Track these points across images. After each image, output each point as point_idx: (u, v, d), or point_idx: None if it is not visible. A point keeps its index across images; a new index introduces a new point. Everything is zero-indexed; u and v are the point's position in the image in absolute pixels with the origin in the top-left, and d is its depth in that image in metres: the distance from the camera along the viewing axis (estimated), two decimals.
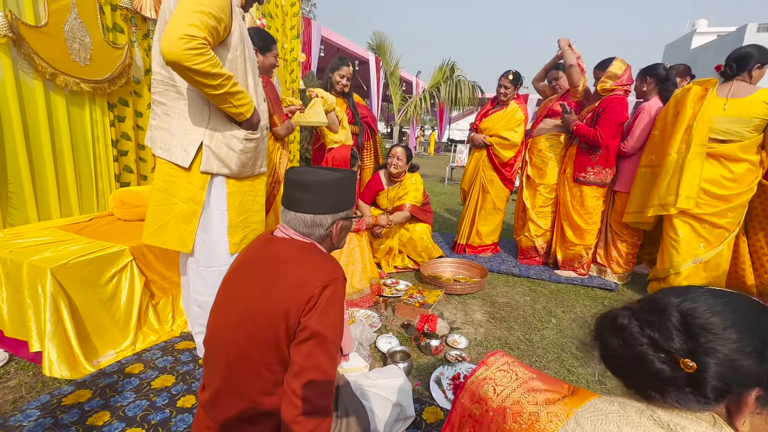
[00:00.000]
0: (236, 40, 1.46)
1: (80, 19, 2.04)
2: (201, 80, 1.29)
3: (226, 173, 1.55)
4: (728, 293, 0.57)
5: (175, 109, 1.50)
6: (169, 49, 1.21)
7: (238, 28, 1.46)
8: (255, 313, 0.88)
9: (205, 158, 1.50)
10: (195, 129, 1.49)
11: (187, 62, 1.22)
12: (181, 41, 1.20)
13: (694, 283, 2.57)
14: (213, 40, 1.33)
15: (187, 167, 1.51)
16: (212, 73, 1.29)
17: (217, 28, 1.33)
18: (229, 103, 1.41)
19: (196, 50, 1.22)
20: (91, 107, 2.20)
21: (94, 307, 1.72)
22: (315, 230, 1.00)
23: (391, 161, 2.98)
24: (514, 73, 3.10)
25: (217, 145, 1.51)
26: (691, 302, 0.55)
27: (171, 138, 1.52)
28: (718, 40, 28.48)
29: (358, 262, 2.53)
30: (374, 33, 8.89)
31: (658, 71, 2.74)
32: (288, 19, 3.78)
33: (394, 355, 1.80)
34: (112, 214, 2.29)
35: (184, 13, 1.24)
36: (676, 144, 2.33)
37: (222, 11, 1.33)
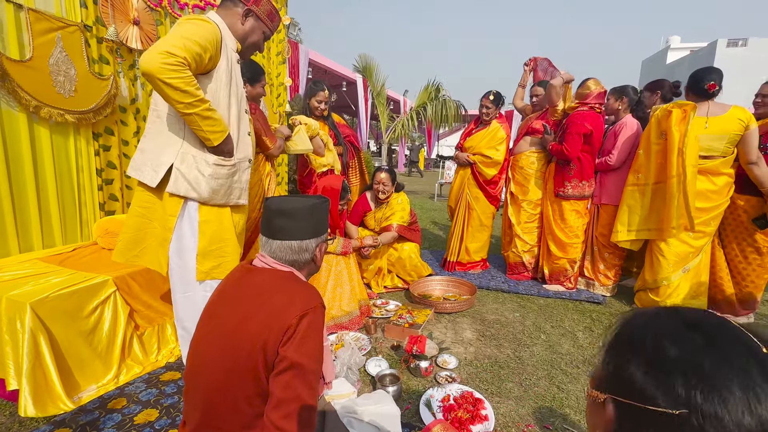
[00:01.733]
0: (221, 75, 1.53)
1: (65, 52, 2.07)
2: (172, 94, 1.34)
3: (194, 197, 1.57)
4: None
5: (152, 131, 1.57)
6: (146, 60, 1.29)
7: (226, 64, 1.54)
8: (233, 345, 0.87)
9: (173, 179, 1.53)
10: (167, 150, 1.54)
11: (161, 74, 1.29)
12: (160, 55, 1.28)
13: (683, 291, 2.62)
14: (194, 65, 1.40)
15: (155, 187, 1.55)
16: (184, 89, 1.34)
17: (201, 55, 1.40)
18: (197, 126, 1.46)
19: (172, 66, 1.30)
20: (76, 137, 2.21)
21: (76, 340, 1.69)
22: (301, 255, 1.02)
23: (377, 188, 3.00)
24: (495, 93, 3.20)
25: (188, 167, 1.54)
26: None
27: (143, 158, 1.58)
28: (691, 55, 29.76)
29: (346, 285, 2.52)
30: (360, 55, 9.11)
31: (630, 93, 2.87)
32: (274, 46, 3.87)
33: (384, 379, 1.78)
34: (96, 244, 2.27)
35: (170, 37, 1.35)
36: (674, 167, 2.41)
37: (209, 42, 1.42)
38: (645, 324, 0.48)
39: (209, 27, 1.44)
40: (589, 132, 2.82)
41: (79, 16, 2.14)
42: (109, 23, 2.26)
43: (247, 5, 1.57)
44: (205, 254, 1.63)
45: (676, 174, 2.41)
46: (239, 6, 1.57)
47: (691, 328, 0.45)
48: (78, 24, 2.13)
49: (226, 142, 1.56)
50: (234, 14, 1.57)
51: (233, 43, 1.59)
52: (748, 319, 2.67)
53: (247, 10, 1.57)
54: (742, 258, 2.62)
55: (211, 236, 1.63)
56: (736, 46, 25.58)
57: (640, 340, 0.46)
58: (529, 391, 1.82)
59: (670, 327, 0.45)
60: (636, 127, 2.83)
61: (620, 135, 2.85)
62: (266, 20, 1.64)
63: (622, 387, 0.44)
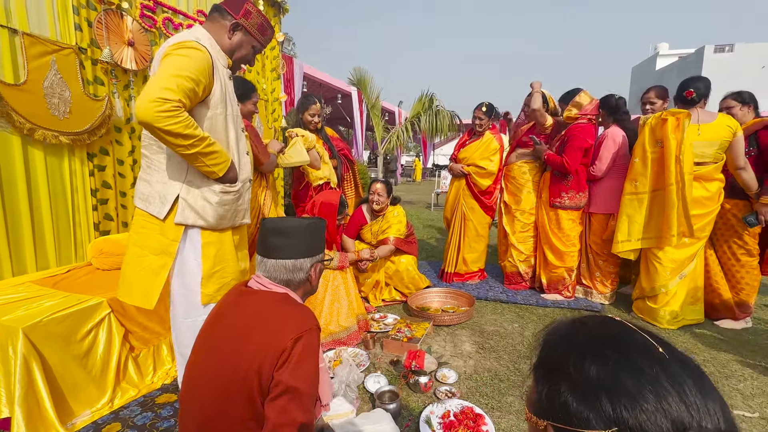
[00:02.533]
0: (217, 100, 1.50)
1: (60, 74, 2.08)
2: (172, 140, 1.32)
3: (202, 225, 1.55)
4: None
5: (155, 162, 1.52)
6: (141, 110, 1.26)
7: (220, 89, 1.50)
8: (228, 368, 0.87)
9: (180, 210, 1.51)
10: (172, 182, 1.51)
11: (158, 123, 1.26)
12: (154, 104, 1.24)
13: (681, 298, 2.62)
14: (190, 102, 1.37)
15: (162, 219, 1.51)
16: (184, 134, 1.32)
17: (195, 89, 1.37)
18: (201, 162, 1.43)
19: (168, 112, 1.26)
20: (70, 158, 2.21)
21: (69, 365, 1.66)
22: (296, 275, 1.02)
23: (372, 198, 3.03)
24: (487, 105, 3.24)
25: (194, 198, 1.52)
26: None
27: (150, 189, 1.54)
28: (680, 61, 30.31)
29: (343, 300, 2.51)
30: (354, 68, 9.23)
31: (611, 102, 2.92)
32: (268, 62, 3.91)
33: (383, 396, 1.76)
34: (91, 264, 2.26)
35: (161, 77, 1.30)
36: (672, 174, 2.43)
37: (201, 74, 1.38)
38: (563, 345, 0.51)
39: (199, 56, 1.39)
40: (590, 146, 2.86)
41: (74, 39, 2.16)
42: (104, 45, 2.28)
43: (236, 18, 1.51)
44: (209, 277, 1.60)
45: (675, 181, 2.44)
46: (227, 19, 1.51)
47: (602, 343, 0.48)
48: (73, 47, 2.15)
49: (230, 170, 1.55)
50: (221, 27, 1.52)
51: (224, 60, 1.56)
52: (746, 323, 2.68)
53: (234, 24, 1.52)
54: (734, 261, 2.64)
55: (214, 258, 1.60)
56: (723, 52, 26.10)
57: (564, 364, 0.48)
58: None
59: (585, 345, 0.49)
60: (618, 137, 2.87)
61: (603, 146, 2.89)
62: (256, 34, 1.59)
63: (559, 414, 0.46)
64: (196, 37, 1.44)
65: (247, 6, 1.51)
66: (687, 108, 2.50)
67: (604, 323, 0.53)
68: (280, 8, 3.98)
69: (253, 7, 1.53)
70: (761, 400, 1.86)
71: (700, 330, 2.63)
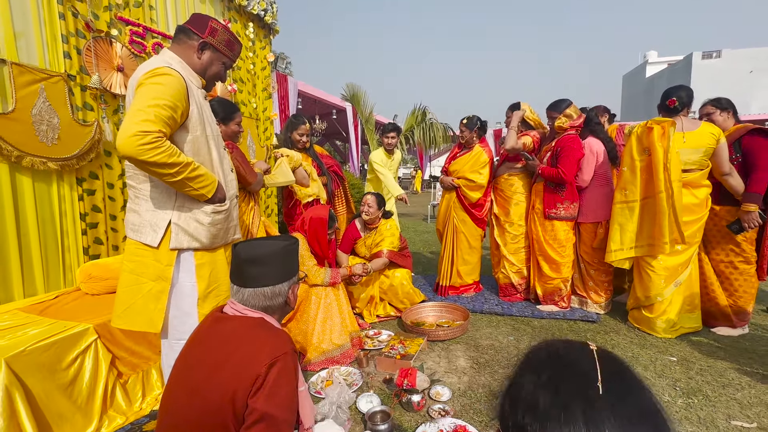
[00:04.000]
0: (195, 122, 1.50)
1: (48, 102, 2.11)
2: (158, 170, 1.33)
3: (196, 247, 1.55)
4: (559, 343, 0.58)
5: (142, 191, 1.52)
6: (123, 145, 1.26)
7: (197, 110, 1.51)
8: (202, 398, 0.85)
9: (174, 236, 1.51)
10: (162, 210, 1.51)
11: (142, 156, 1.27)
12: (135, 138, 1.25)
13: (677, 306, 2.60)
14: (170, 129, 1.38)
15: (156, 246, 1.50)
16: (168, 162, 1.33)
17: (173, 116, 1.38)
18: (189, 187, 1.44)
19: (150, 144, 1.27)
20: (59, 183, 2.22)
21: (54, 394, 1.63)
22: (275, 300, 1.01)
23: (363, 209, 3.05)
24: (467, 118, 3.29)
25: (186, 221, 1.52)
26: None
27: (140, 219, 1.53)
28: (669, 68, 30.82)
29: (336, 317, 2.49)
30: (347, 84, 9.36)
31: (588, 113, 2.98)
32: (259, 82, 3.97)
33: (374, 417, 1.73)
34: (79, 290, 2.24)
35: (139, 109, 1.31)
36: (661, 182, 2.45)
37: (177, 99, 1.38)
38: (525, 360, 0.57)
39: (173, 81, 1.39)
40: (582, 156, 2.90)
41: (62, 67, 2.20)
42: (93, 72, 2.31)
43: (203, 37, 1.50)
44: (205, 297, 1.59)
45: (665, 189, 2.45)
46: (194, 39, 1.51)
47: (547, 363, 0.52)
48: (62, 74, 2.18)
49: (218, 190, 1.55)
50: (189, 48, 1.53)
51: (197, 81, 1.57)
52: (744, 330, 2.65)
53: (202, 43, 1.52)
54: (732, 269, 2.63)
55: (208, 279, 1.60)
56: (711, 58, 26.58)
57: (515, 374, 0.54)
58: None
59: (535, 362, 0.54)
60: (595, 146, 2.92)
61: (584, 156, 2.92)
62: (225, 50, 1.60)
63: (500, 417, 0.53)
64: (166, 62, 1.44)
65: (212, 24, 1.52)
66: (671, 116, 2.54)
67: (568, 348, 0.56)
68: (270, 30, 4.07)
69: (218, 24, 1.54)
70: (759, 409, 1.83)
71: (696, 338, 2.61)
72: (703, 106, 2.71)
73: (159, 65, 1.42)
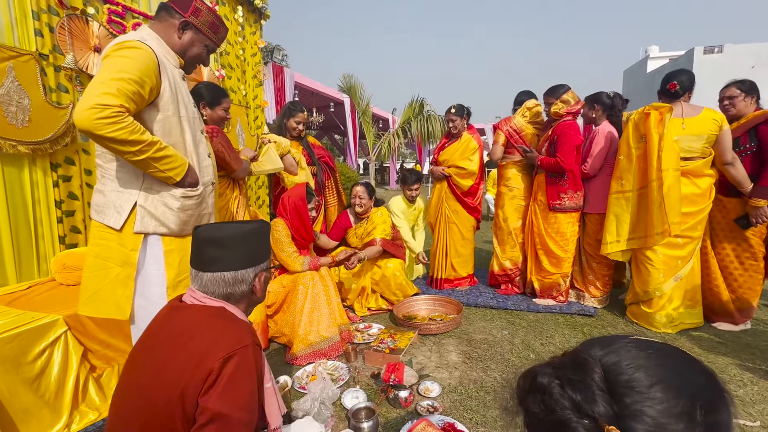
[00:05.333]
0: (167, 101, 1.43)
1: (18, 81, 1.99)
2: (117, 147, 1.25)
3: (164, 232, 1.47)
4: (653, 344, 0.52)
5: (109, 170, 1.44)
6: (80, 118, 1.19)
7: (169, 89, 1.43)
8: (149, 395, 0.76)
9: (139, 218, 1.42)
10: (128, 190, 1.43)
11: (99, 131, 1.19)
12: (93, 111, 1.17)
13: (676, 302, 2.51)
14: (135, 106, 1.30)
15: (119, 229, 1.42)
16: (129, 140, 1.25)
17: (140, 92, 1.30)
18: (153, 168, 1.36)
19: (108, 119, 1.19)
20: (31, 168, 2.11)
21: (17, 389, 1.54)
22: (237, 288, 0.91)
23: (354, 201, 2.97)
24: (456, 106, 3.20)
25: (153, 204, 1.44)
26: (614, 355, 0.51)
27: (105, 200, 1.46)
28: (670, 63, 30.55)
29: (324, 308, 2.40)
30: (344, 75, 9.22)
31: (604, 99, 2.84)
32: (249, 68, 3.84)
33: (358, 414, 1.64)
34: (54, 280, 2.14)
35: (101, 81, 1.23)
36: (654, 171, 2.34)
37: (145, 74, 1.30)
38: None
39: (142, 55, 1.31)
40: (581, 143, 2.79)
41: (33, 45, 2.07)
42: (67, 51, 2.20)
43: (185, 16, 1.45)
44: (174, 286, 1.51)
45: (656, 178, 2.35)
46: (175, 17, 1.44)
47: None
48: (32, 53, 2.06)
49: (189, 174, 1.47)
50: (170, 26, 1.46)
51: (174, 59, 1.48)
52: (745, 326, 2.57)
53: (183, 23, 1.45)
54: (738, 264, 2.52)
55: (178, 266, 1.51)
56: (713, 53, 26.32)
57: None
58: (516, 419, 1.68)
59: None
60: (608, 133, 2.80)
61: (594, 143, 2.81)
62: (208, 32, 1.53)
63: None
64: (141, 37, 1.37)
65: (195, 3, 1.45)
66: (671, 102, 2.43)
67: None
68: (260, 14, 3.94)
69: (202, 4, 1.46)
70: (762, 406, 1.75)
71: (697, 333, 2.52)
72: (726, 88, 2.51)
73: (130, 39, 1.34)
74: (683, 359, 0.50)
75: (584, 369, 0.50)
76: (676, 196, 2.33)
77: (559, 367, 0.53)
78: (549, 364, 0.55)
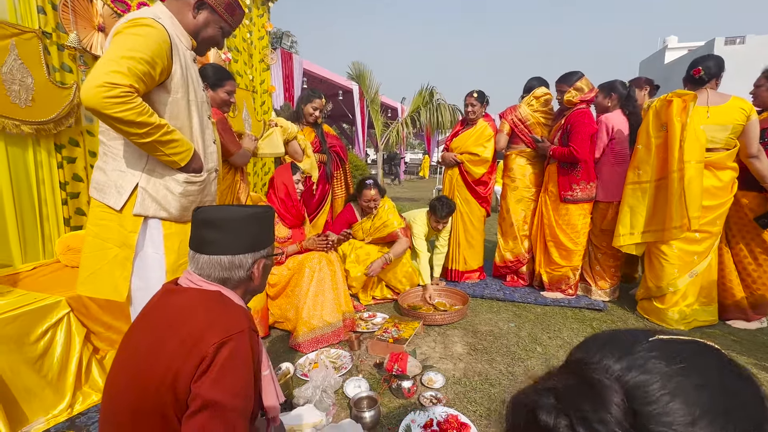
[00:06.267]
0: (177, 83, 1.38)
1: (21, 60, 1.96)
2: (124, 128, 1.21)
3: (164, 217, 1.44)
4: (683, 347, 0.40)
5: (112, 148, 1.41)
6: (87, 96, 1.15)
7: (180, 71, 1.38)
8: (140, 380, 0.73)
9: (140, 200, 1.39)
10: (130, 170, 1.39)
11: (106, 110, 1.15)
12: (102, 89, 1.13)
13: (690, 299, 2.43)
14: (145, 86, 1.26)
15: (119, 209, 1.39)
16: (137, 121, 1.21)
17: (150, 73, 1.25)
18: (159, 152, 1.32)
19: (117, 98, 1.15)
20: (35, 148, 2.09)
21: (20, 368, 1.54)
22: (234, 273, 0.87)
23: (369, 204, 2.85)
24: (478, 91, 3.09)
25: (155, 187, 1.40)
26: (638, 371, 0.38)
27: (106, 178, 1.42)
28: (689, 54, 29.62)
29: (328, 293, 2.36)
30: (353, 63, 9.08)
31: (620, 88, 2.74)
32: (256, 52, 3.78)
33: (360, 403, 1.61)
34: (59, 261, 2.14)
35: (111, 59, 1.19)
36: (675, 161, 2.25)
37: (157, 55, 1.26)
38: None
39: (154, 34, 1.26)
40: (595, 131, 2.70)
41: (36, 23, 2.04)
42: (71, 30, 2.16)
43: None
44: (174, 271, 1.48)
45: (678, 169, 2.25)
46: None
47: None
48: (35, 31, 2.02)
49: (194, 159, 1.43)
50: (185, 5, 1.40)
51: (186, 40, 1.43)
52: (761, 323, 2.48)
53: (199, 2, 1.40)
54: (752, 260, 2.44)
55: (177, 251, 1.49)
56: (734, 44, 25.44)
57: None
58: None
59: None
60: (612, 122, 2.70)
61: (600, 130, 2.72)
62: (224, 13, 1.47)
63: None
64: (154, 14, 1.32)
65: None
66: (695, 89, 2.31)
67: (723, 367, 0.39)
68: None
69: None
70: None
71: (711, 330, 2.45)
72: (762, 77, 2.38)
73: (143, 16, 1.30)
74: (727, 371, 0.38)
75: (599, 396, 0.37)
76: (697, 189, 2.23)
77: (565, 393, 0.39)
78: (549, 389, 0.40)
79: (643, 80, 3.03)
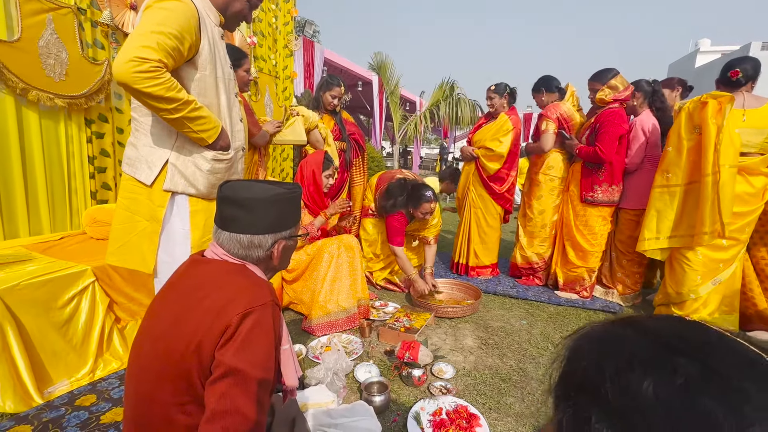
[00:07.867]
0: (205, 60, 1.39)
1: (57, 34, 2.01)
2: (153, 103, 1.24)
3: (192, 193, 1.47)
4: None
5: (143, 124, 1.44)
6: (118, 70, 1.17)
7: (208, 47, 1.39)
8: (166, 345, 0.75)
9: (170, 176, 1.42)
10: (160, 147, 1.42)
11: (137, 85, 1.17)
12: (131, 63, 1.15)
13: (712, 306, 2.37)
14: (174, 62, 1.27)
15: (150, 185, 1.43)
16: (165, 97, 1.22)
17: (179, 48, 1.26)
18: (187, 128, 1.34)
19: (147, 73, 1.17)
20: (67, 123, 2.15)
21: (48, 332, 1.61)
22: (252, 252, 0.88)
23: (426, 216, 2.72)
24: (497, 84, 3.03)
25: (184, 164, 1.43)
26: None
27: (137, 154, 1.46)
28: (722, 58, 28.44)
29: (345, 279, 2.38)
30: (375, 53, 9.02)
31: (643, 86, 2.65)
32: (281, 38, 3.79)
33: (370, 387, 1.63)
34: (85, 233, 2.21)
35: (141, 34, 1.20)
36: (710, 165, 2.16)
37: (186, 31, 1.27)
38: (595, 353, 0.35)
39: (183, 9, 1.27)
40: (625, 132, 2.62)
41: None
42: (105, 7, 2.20)
43: None
44: (199, 246, 1.52)
45: (712, 172, 2.17)
46: None
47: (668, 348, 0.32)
48: (71, 6, 2.07)
49: (221, 137, 1.45)
50: None
51: (215, 16, 1.44)
52: None
53: None
54: None
55: (203, 228, 1.52)
56: None
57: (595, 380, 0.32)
58: (531, 408, 1.64)
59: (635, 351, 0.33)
60: (648, 124, 2.62)
61: (632, 135, 2.64)
62: None
63: None
64: None
65: None
66: (731, 91, 2.23)
67: (669, 322, 0.35)
68: None
69: None
70: None
71: None
72: None
73: None
74: None
75: None
76: (729, 195, 2.15)
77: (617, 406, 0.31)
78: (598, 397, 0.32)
79: (676, 81, 2.93)
